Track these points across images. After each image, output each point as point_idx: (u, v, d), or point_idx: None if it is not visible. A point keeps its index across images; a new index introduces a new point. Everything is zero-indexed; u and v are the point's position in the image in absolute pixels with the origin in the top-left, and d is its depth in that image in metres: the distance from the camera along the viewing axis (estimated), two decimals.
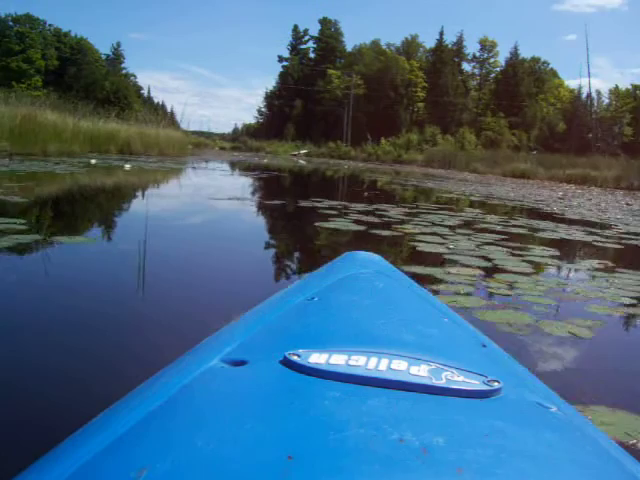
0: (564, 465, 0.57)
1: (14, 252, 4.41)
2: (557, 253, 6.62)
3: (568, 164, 38.78)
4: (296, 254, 6.14)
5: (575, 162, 39.06)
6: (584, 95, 59.69)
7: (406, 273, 1.51)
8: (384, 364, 0.71)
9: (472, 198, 15.44)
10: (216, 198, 10.00)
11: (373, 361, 0.72)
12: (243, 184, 16.06)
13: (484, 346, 0.98)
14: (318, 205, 9.96)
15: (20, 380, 2.26)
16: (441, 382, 0.68)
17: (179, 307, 3.44)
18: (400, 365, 0.72)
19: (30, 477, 0.58)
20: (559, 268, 5.94)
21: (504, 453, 0.55)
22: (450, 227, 8.15)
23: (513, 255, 6.04)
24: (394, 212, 9.70)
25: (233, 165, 29.56)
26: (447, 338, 0.95)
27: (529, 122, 60.81)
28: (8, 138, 19.41)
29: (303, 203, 10.24)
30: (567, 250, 7.48)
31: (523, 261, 5.72)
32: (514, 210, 12.66)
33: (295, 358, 0.72)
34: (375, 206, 10.55)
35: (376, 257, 1.48)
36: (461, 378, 0.70)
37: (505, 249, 6.44)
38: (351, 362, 0.71)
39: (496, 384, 0.70)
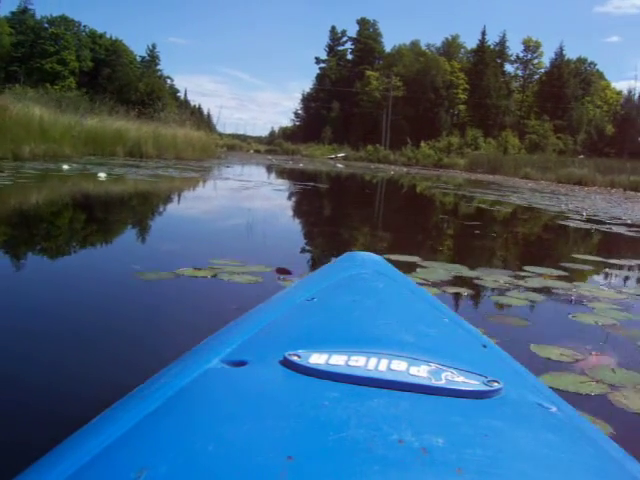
0: (564, 465, 0.55)
1: None
2: None
3: (631, 169, 32.89)
4: None
5: (637, 167, 33.14)
6: (636, 97, 53.44)
7: None
8: (384, 364, 0.68)
9: (613, 229, 9.13)
10: (157, 276, 3.58)
11: (373, 361, 0.68)
12: (254, 212, 7.95)
13: (484, 346, 0.92)
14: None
15: None
16: (441, 382, 0.65)
17: None
18: (400, 365, 0.68)
19: (30, 477, 0.55)
20: None
21: (504, 453, 0.53)
22: None
23: None
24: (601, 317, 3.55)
25: (261, 171, 23.52)
26: (447, 338, 0.90)
27: (575, 125, 54.50)
28: None
29: None
30: None
31: None
32: None
33: (295, 358, 0.68)
34: (541, 282, 4.40)
35: (376, 257, 1.37)
36: (461, 378, 0.67)
37: None
38: (351, 362, 0.68)
39: (496, 384, 0.66)
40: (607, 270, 5.53)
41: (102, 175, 11.11)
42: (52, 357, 2.28)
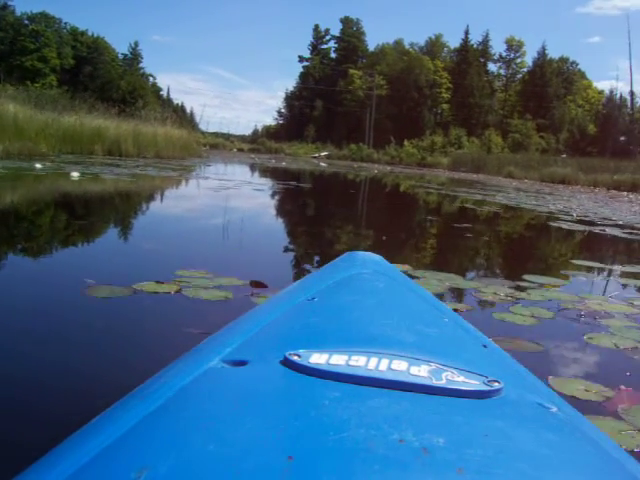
0: (564, 465, 0.55)
1: None
2: None
3: (614, 168, 32.80)
4: None
5: (620, 166, 33.01)
6: (617, 96, 53.44)
7: None
8: (384, 364, 0.67)
9: (607, 230, 8.70)
10: (110, 292, 3.03)
11: (373, 361, 0.67)
12: (231, 214, 7.44)
13: (485, 346, 0.91)
14: None
15: None
16: (441, 382, 0.64)
17: None
18: (400, 365, 0.67)
19: (30, 477, 0.55)
20: None
21: (504, 453, 0.53)
22: None
23: None
24: None
25: (243, 170, 22.98)
26: (447, 338, 0.89)
27: (557, 124, 54.37)
28: None
29: None
30: None
31: None
32: None
33: (296, 358, 0.67)
34: (544, 294, 3.94)
35: (376, 257, 1.37)
36: (461, 378, 0.66)
37: None
38: (351, 362, 0.67)
39: (496, 384, 0.66)
40: (612, 278, 5.08)
41: (75, 174, 10.56)
42: None
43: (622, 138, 52.49)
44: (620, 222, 10.48)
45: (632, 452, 1.78)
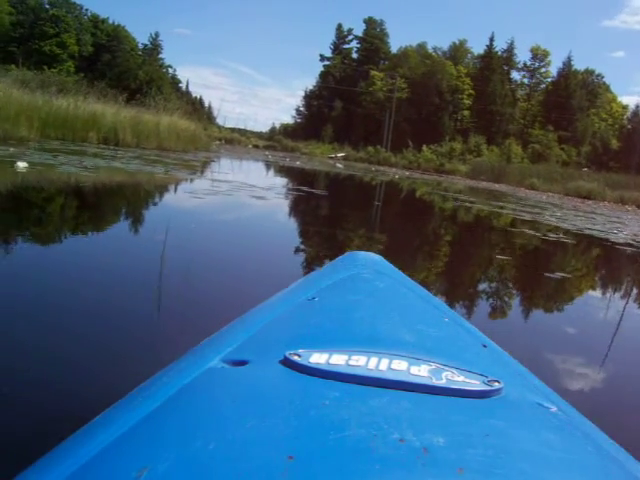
0: (564, 465, 0.54)
1: None
2: None
3: None
4: None
5: None
6: None
7: None
8: (384, 364, 0.67)
9: None
10: None
11: (373, 361, 0.67)
12: (184, 251, 3.98)
13: (485, 346, 0.90)
14: None
15: None
16: (441, 382, 0.64)
17: None
18: (400, 365, 0.67)
19: (30, 477, 0.55)
20: None
21: (504, 453, 0.52)
22: None
23: None
24: None
25: (251, 168, 20.24)
26: (448, 338, 0.88)
27: (579, 137, 51.47)
28: None
29: None
30: None
31: None
32: None
33: (296, 358, 0.67)
34: None
35: (377, 257, 1.35)
36: (461, 378, 0.66)
37: None
38: (351, 362, 0.66)
39: (496, 384, 0.65)
40: None
41: (21, 165, 7.97)
42: None
43: None
44: None
45: None
